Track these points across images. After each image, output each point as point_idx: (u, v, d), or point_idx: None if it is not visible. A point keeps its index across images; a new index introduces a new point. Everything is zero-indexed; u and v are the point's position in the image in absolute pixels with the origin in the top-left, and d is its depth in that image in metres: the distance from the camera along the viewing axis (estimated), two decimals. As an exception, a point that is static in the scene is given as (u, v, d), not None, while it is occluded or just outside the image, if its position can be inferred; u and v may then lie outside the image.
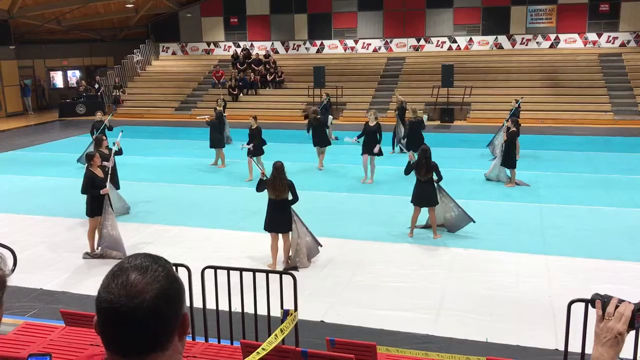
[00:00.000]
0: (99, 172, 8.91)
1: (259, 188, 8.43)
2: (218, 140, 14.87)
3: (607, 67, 24.44)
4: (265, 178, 8.36)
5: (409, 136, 14.43)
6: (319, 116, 14.97)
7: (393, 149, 16.41)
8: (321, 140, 14.57)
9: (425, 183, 9.36)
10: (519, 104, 16.43)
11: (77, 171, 14.11)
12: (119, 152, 10.80)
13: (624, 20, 25.50)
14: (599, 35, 25.80)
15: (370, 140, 12.91)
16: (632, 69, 23.95)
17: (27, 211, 11.26)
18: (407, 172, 9.68)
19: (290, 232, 8.27)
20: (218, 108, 16.04)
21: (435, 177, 9.37)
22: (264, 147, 13.45)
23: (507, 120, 13.31)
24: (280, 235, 8.29)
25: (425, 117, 16.09)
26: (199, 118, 17.30)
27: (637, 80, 23.18)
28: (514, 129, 12.72)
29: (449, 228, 9.68)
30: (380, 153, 13.04)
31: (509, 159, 12.49)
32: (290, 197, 8.16)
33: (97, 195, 8.70)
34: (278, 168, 8.11)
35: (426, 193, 9.36)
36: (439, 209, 9.59)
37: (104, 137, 10.79)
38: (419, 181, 9.42)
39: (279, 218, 8.18)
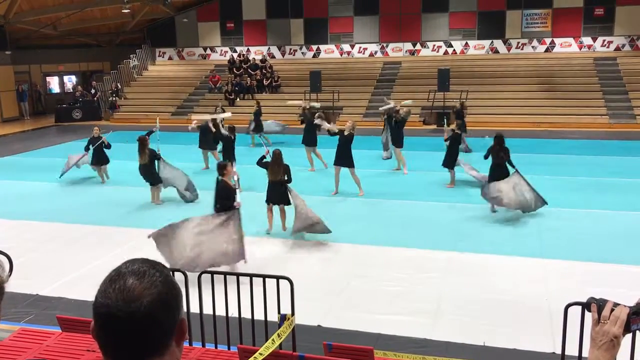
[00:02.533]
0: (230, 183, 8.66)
1: (259, 163, 9.94)
2: (206, 142, 15.22)
3: (602, 71, 24.54)
4: (267, 159, 9.81)
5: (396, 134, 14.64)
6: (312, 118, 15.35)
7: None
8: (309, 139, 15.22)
9: (502, 167, 10.69)
10: (462, 106, 16.83)
11: (72, 177, 14.10)
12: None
13: (619, 24, 25.61)
14: (594, 40, 25.91)
15: (341, 150, 12.13)
16: (627, 72, 24.04)
17: (23, 216, 11.22)
18: (486, 156, 11.03)
19: (284, 205, 9.68)
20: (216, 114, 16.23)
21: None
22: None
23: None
24: (276, 206, 9.74)
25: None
26: (193, 122, 17.11)
27: (632, 84, 23.27)
28: (458, 131, 13.39)
29: (523, 208, 10.50)
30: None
31: (449, 159, 12.91)
32: (285, 178, 9.60)
33: (229, 207, 8.36)
34: (277, 155, 9.69)
35: (501, 173, 10.63)
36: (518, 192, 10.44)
37: (147, 137, 12.08)
38: (495, 164, 10.82)
39: (276, 194, 9.68)
